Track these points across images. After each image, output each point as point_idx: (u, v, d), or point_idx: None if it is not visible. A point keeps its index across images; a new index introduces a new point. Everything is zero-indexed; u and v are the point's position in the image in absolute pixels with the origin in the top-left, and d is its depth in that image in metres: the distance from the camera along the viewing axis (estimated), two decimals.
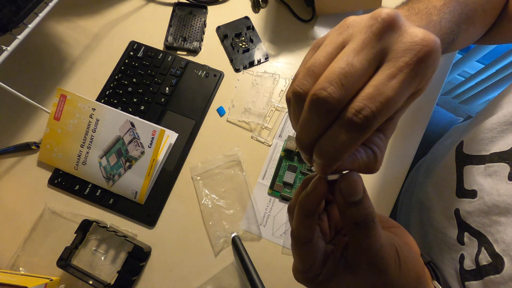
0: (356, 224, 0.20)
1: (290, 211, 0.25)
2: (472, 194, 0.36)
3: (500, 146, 0.35)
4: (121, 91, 0.55)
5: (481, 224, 0.34)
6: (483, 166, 0.36)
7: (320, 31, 0.58)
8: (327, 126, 0.18)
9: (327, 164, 0.19)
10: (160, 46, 0.59)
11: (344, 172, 0.20)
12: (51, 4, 0.48)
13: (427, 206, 0.47)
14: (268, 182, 0.51)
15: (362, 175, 0.20)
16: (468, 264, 0.35)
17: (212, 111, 0.55)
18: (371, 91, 0.17)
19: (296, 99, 0.19)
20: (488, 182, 0.34)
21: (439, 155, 0.51)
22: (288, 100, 0.21)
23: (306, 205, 0.21)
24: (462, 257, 0.37)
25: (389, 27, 0.17)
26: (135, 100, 0.55)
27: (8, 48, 0.44)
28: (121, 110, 0.52)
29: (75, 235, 0.47)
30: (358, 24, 0.19)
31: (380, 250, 0.20)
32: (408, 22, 0.18)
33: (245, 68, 0.58)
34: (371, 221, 0.20)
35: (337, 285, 0.22)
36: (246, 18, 0.61)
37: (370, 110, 0.17)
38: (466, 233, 0.37)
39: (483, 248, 0.33)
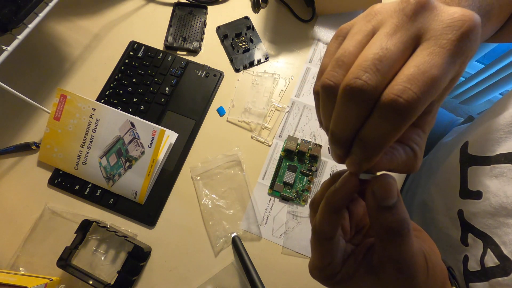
0: (389, 230, 0.19)
1: (313, 205, 0.23)
2: (477, 195, 0.36)
3: (507, 147, 0.34)
4: (121, 91, 0.55)
5: (487, 226, 0.34)
6: (488, 167, 0.35)
7: (320, 31, 0.58)
8: (365, 116, 0.17)
9: (368, 155, 0.17)
10: (160, 46, 0.59)
11: (377, 174, 0.19)
12: (51, 4, 0.48)
13: (429, 207, 0.47)
14: (268, 182, 0.51)
15: None
16: (472, 266, 0.35)
17: (212, 111, 0.55)
18: (411, 71, 0.15)
19: (327, 92, 0.18)
20: (494, 183, 0.34)
21: (441, 156, 0.51)
22: (316, 94, 0.20)
23: (333, 201, 0.20)
24: (465, 258, 0.36)
25: (423, 7, 0.17)
26: (135, 100, 0.55)
27: (8, 48, 0.44)
28: (121, 110, 0.52)
29: (75, 235, 0.47)
30: (387, 10, 0.18)
31: (411, 259, 0.19)
32: (441, 3, 0.17)
33: (245, 68, 0.58)
34: (406, 228, 0.19)
35: (356, 286, 0.22)
36: (246, 18, 0.61)
37: (412, 92, 0.15)
38: (470, 234, 0.36)
39: (489, 250, 0.33)
